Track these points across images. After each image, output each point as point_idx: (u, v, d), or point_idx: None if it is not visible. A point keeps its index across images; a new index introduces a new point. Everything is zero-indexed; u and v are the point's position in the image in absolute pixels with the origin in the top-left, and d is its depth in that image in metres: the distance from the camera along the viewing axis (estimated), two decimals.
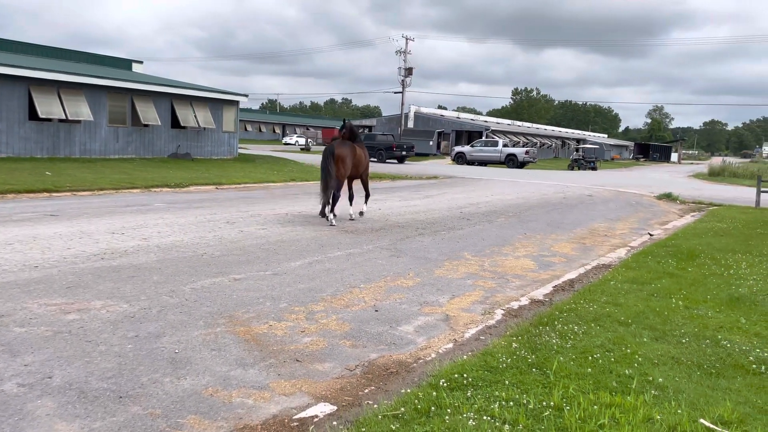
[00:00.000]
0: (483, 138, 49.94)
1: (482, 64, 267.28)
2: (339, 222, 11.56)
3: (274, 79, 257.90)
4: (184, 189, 17.33)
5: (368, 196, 13.00)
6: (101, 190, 15.70)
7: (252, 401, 3.93)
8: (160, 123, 27.08)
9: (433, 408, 3.67)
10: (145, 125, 26.72)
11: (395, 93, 55.48)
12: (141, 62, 33.86)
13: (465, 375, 4.16)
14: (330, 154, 11.40)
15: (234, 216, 11.95)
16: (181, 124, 28.10)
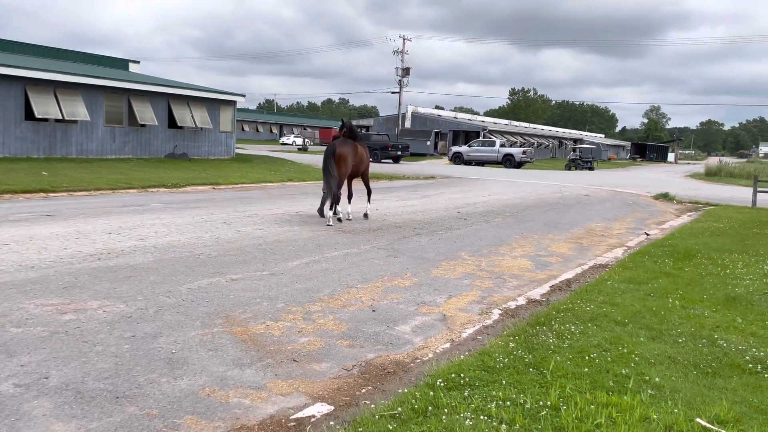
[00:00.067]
0: (480, 138, 49.96)
1: (479, 64, 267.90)
2: (336, 222, 11.55)
3: (272, 79, 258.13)
4: (181, 189, 17.31)
5: (370, 194, 13.02)
6: (98, 191, 15.67)
7: (249, 401, 3.93)
8: (157, 123, 27.04)
9: (430, 408, 3.67)
10: (142, 125, 26.68)
11: (392, 93, 55.53)
12: (138, 62, 33.83)
13: (462, 375, 4.17)
14: (331, 154, 11.39)
15: (231, 216, 11.94)
16: (178, 124, 28.07)
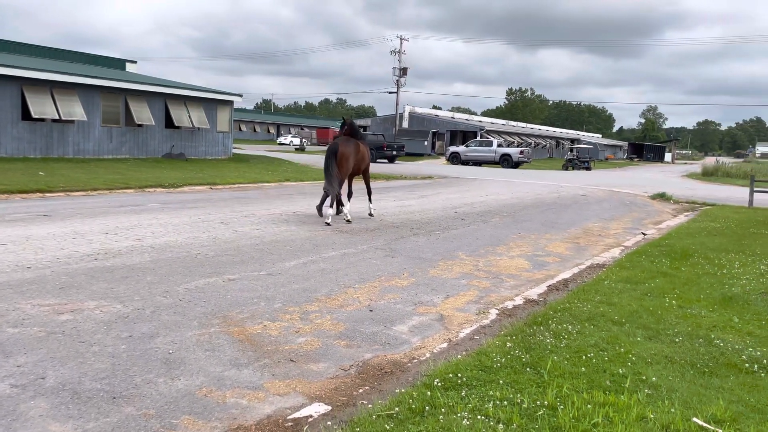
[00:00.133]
0: (478, 138, 49.98)
1: (477, 65, 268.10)
2: (333, 222, 11.55)
3: (269, 79, 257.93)
4: (178, 189, 17.28)
5: (371, 193, 13.02)
6: (95, 191, 15.64)
7: (246, 401, 3.92)
8: (154, 123, 27.00)
9: (428, 407, 3.67)
10: (139, 125, 26.64)
11: (390, 93, 55.46)
12: (135, 62, 33.77)
13: (459, 374, 4.17)
14: (333, 153, 11.37)
15: (228, 216, 11.93)
16: (175, 124, 28.04)
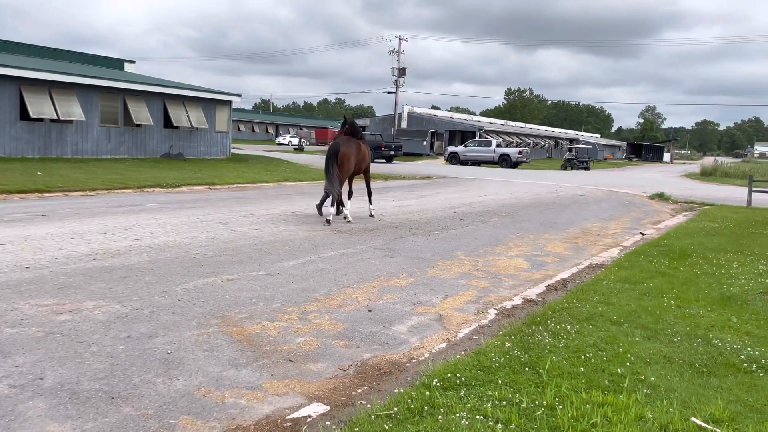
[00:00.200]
0: (476, 138, 50.03)
1: (475, 65, 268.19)
2: (333, 221, 11.54)
3: (268, 79, 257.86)
4: (177, 189, 17.27)
5: (371, 193, 12.99)
6: (93, 191, 15.63)
7: (245, 401, 3.92)
8: (153, 123, 26.98)
9: (426, 407, 3.67)
10: (138, 125, 26.61)
11: (388, 93, 55.44)
12: (133, 62, 33.72)
13: (458, 374, 4.17)
14: (334, 154, 11.35)
15: (227, 216, 11.92)
16: (174, 124, 28.00)
